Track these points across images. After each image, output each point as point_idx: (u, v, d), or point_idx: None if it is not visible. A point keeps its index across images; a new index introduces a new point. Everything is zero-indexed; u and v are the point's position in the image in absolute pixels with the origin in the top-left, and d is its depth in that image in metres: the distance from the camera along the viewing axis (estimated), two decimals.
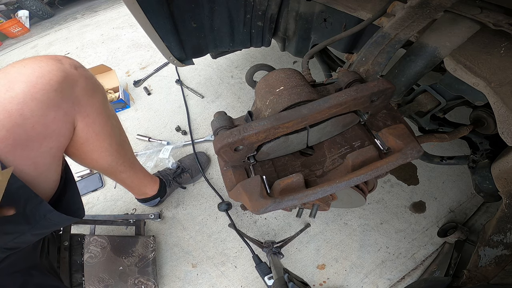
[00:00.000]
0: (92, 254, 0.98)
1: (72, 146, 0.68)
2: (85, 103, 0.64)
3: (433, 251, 1.08)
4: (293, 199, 0.47)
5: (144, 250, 1.04)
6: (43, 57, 0.57)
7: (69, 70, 0.59)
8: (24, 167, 0.52)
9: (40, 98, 0.53)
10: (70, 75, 0.59)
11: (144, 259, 1.02)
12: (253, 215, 1.20)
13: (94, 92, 0.67)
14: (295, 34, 0.97)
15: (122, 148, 0.85)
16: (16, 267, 0.60)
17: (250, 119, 0.54)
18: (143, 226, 1.13)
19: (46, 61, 0.56)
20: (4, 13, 3.16)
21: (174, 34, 0.91)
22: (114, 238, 1.03)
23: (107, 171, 0.87)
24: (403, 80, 0.66)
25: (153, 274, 1.01)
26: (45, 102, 0.53)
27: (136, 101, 1.73)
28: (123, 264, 1.00)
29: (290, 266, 1.08)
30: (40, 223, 0.55)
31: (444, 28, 0.55)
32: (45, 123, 0.54)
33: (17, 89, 0.50)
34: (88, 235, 1.01)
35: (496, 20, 0.47)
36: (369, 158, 0.50)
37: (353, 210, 1.18)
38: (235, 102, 1.63)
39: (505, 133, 0.53)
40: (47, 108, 0.54)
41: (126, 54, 2.13)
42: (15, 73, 0.52)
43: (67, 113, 0.60)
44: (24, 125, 0.51)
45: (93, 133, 0.69)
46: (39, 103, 0.53)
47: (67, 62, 0.60)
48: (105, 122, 0.73)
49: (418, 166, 1.30)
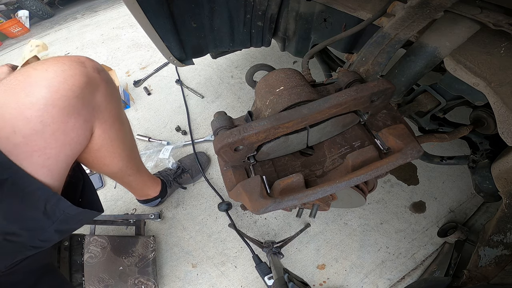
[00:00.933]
0: (92, 254, 0.98)
1: (85, 152, 0.65)
2: (103, 109, 0.62)
3: (433, 251, 1.08)
4: (293, 199, 0.47)
5: (144, 250, 1.04)
6: (66, 58, 0.54)
7: (92, 75, 0.57)
8: (39, 174, 0.51)
9: (62, 105, 0.50)
10: (93, 80, 0.57)
11: (144, 259, 1.02)
12: (253, 215, 1.20)
13: (112, 98, 0.65)
14: (295, 34, 0.97)
15: (132, 152, 0.84)
16: (30, 267, 0.60)
17: (250, 119, 0.54)
18: (143, 226, 1.13)
19: (69, 64, 0.53)
20: (4, 13, 3.16)
21: (174, 34, 0.91)
22: (114, 238, 1.03)
23: (115, 175, 0.86)
24: (403, 80, 0.66)
25: (153, 274, 1.01)
26: (66, 109, 0.51)
27: (136, 101, 1.73)
28: (123, 264, 1.00)
29: (290, 266, 1.08)
30: (61, 218, 0.54)
31: (444, 28, 0.55)
32: (65, 130, 0.52)
33: (38, 94, 0.48)
34: (88, 235, 1.01)
35: (496, 20, 0.47)
36: (369, 158, 0.50)
37: (353, 210, 1.18)
38: (235, 102, 1.63)
39: (505, 133, 0.53)
40: (68, 115, 0.52)
41: (126, 54, 2.13)
42: (36, 77, 0.49)
43: (87, 120, 0.58)
44: (43, 132, 0.49)
45: (108, 140, 0.67)
46: (60, 110, 0.50)
47: (90, 66, 0.58)
48: (120, 128, 0.71)
49: (418, 166, 1.30)
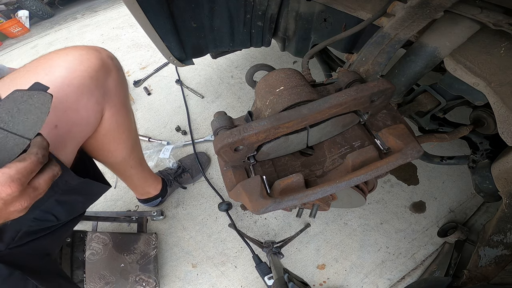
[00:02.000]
0: (94, 251, 0.98)
1: (92, 137, 0.68)
2: (113, 94, 0.66)
3: (433, 251, 1.08)
4: (293, 199, 0.47)
5: (146, 247, 1.04)
6: (83, 46, 0.59)
7: (106, 60, 0.61)
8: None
9: (76, 84, 0.54)
10: (106, 64, 0.61)
11: (146, 256, 1.02)
12: (253, 215, 1.20)
13: (122, 84, 0.69)
14: (295, 34, 0.97)
15: (136, 144, 0.87)
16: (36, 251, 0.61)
17: (250, 119, 0.54)
18: (146, 223, 1.13)
19: (87, 50, 0.58)
20: (4, 13, 3.15)
21: (174, 34, 0.91)
22: (116, 235, 1.03)
23: (118, 165, 0.88)
24: (403, 80, 0.66)
25: (155, 272, 1.01)
26: (80, 88, 0.55)
27: (136, 101, 1.73)
28: (125, 261, 1.00)
29: (290, 266, 1.08)
30: (63, 188, 0.55)
31: (444, 28, 0.55)
32: (76, 109, 0.55)
33: (57, 73, 0.52)
34: (91, 232, 1.01)
35: (496, 20, 0.47)
36: (369, 158, 0.50)
37: (353, 210, 1.18)
38: (235, 102, 1.63)
39: (505, 133, 0.53)
40: (81, 94, 0.55)
41: (126, 54, 2.13)
42: (57, 59, 0.54)
43: (98, 101, 0.61)
44: (56, 109, 0.51)
45: (115, 124, 0.71)
46: (75, 89, 0.54)
47: (104, 52, 0.62)
48: (126, 114, 0.75)
49: (418, 166, 1.30)
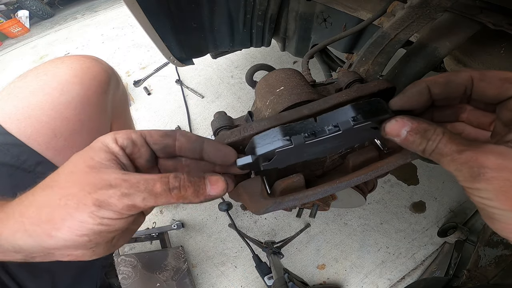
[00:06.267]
0: (124, 274, 0.93)
1: None
2: (119, 105, 0.62)
3: (433, 251, 1.08)
4: (294, 200, 0.47)
5: (177, 261, 1.00)
6: (80, 56, 0.53)
7: (110, 72, 0.56)
8: None
9: (95, 102, 0.50)
10: (113, 77, 0.57)
11: (179, 271, 0.98)
12: (253, 215, 1.20)
13: (126, 96, 0.66)
14: (295, 34, 0.97)
15: None
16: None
17: (250, 119, 0.54)
18: (168, 238, 1.09)
19: (90, 61, 0.52)
20: (4, 13, 3.16)
21: (174, 34, 0.91)
22: (142, 254, 0.99)
23: None
24: (403, 80, 0.66)
25: (192, 285, 0.96)
26: (98, 106, 0.50)
27: (136, 101, 1.73)
28: (159, 280, 0.95)
29: (290, 266, 1.08)
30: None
31: (444, 28, 0.55)
32: (98, 128, 0.51)
33: (73, 92, 0.46)
34: (115, 256, 0.97)
35: (496, 20, 0.47)
36: (369, 159, 0.50)
37: (353, 210, 1.18)
38: (235, 102, 1.63)
39: None
40: (100, 112, 0.51)
41: (126, 54, 2.13)
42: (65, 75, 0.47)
43: (109, 116, 0.57)
44: (82, 132, 0.47)
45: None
46: (94, 107, 0.49)
47: (104, 64, 0.57)
48: (130, 125, 0.73)
49: (418, 166, 1.30)
